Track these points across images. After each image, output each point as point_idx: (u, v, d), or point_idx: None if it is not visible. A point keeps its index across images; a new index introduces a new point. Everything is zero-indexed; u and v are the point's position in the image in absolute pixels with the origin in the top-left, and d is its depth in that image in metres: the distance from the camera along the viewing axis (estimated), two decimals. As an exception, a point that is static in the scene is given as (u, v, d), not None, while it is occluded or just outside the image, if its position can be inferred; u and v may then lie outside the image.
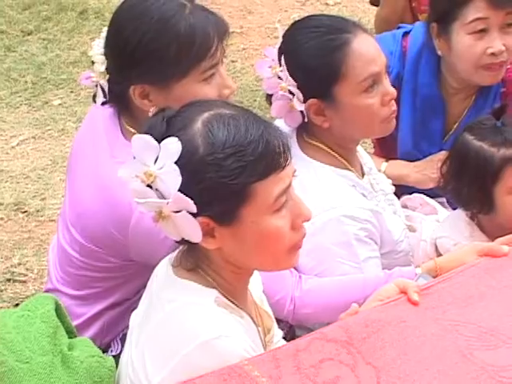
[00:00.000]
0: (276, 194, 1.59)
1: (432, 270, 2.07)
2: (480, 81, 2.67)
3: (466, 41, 2.59)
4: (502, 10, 2.56)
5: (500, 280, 1.77)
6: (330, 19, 2.32)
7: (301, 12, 5.55)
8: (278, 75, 2.20)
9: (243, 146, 1.56)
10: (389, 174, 2.69)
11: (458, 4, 2.58)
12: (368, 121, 2.25)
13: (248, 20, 5.50)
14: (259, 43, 5.13)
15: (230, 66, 4.90)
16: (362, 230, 2.23)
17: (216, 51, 2.03)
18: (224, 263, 1.65)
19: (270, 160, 1.58)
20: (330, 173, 2.27)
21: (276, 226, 1.61)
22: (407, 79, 2.77)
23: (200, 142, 1.57)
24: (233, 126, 1.58)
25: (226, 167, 1.55)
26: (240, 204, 1.58)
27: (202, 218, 1.57)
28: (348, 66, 2.18)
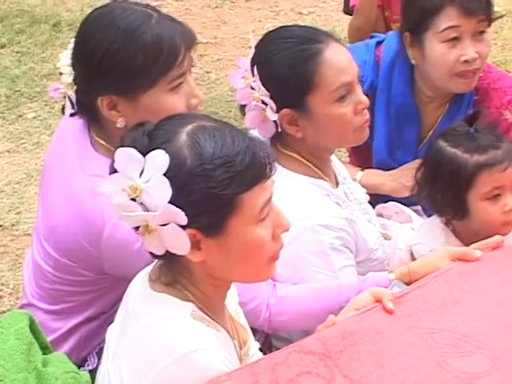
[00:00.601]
0: (261, 204, 1.61)
1: (405, 275, 2.09)
2: (454, 88, 2.69)
3: (440, 49, 2.61)
4: (474, 17, 2.58)
5: (473, 284, 1.78)
6: (302, 29, 2.33)
7: (275, 22, 5.58)
8: (251, 86, 2.21)
9: (231, 157, 1.57)
10: (364, 182, 2.71)
11: (429, 13, 2.60)
12: (341, 130, 2.26)
13: (222, 30, 5.53)
14: (233, 53, 5.15)
15: (204, 76, 4.92)
16: (337, 238, 2.24)
17: (183, 60, 2.03)
18: (205, 276, 1.65)
19: (257, 170, 1.60)
20: (304, 182, 2.28)
21: (260, 236, 1.62)
22: (381, 88, 2.78)
23: (187, 154, 1.57)
24: (219, 138, 1.59)
25: (215, 178, 1.56)
26: (228, 215, 1.58)
27: (189, 230, 1.57)
28: (320, 76, 2.19)
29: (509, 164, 2.28)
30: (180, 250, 1.58)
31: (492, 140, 2.33)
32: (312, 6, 5.88)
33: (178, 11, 5.75)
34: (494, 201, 2.29)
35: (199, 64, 5.05)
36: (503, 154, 2.29)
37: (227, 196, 1.56)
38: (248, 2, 5.91)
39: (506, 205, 2.28)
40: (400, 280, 2.08)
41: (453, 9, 2.57)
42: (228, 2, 5.89)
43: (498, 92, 2.75)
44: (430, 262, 2.04)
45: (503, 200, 2.28)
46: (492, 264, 1.85)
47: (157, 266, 1.70)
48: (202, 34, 5.44)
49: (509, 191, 2.29)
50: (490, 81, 2.76)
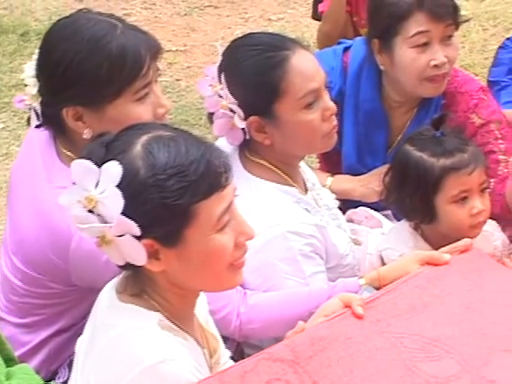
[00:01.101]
0: (219, 214, 1.60)
1: (375, 280, 2.10)
2: (424, 93, 2.70)
3: (409, 54, 2.62)
4: (442, 22, 2.60)
5: (442, 288, 1.78)
6: (269, 37, 2.34)
7: (244, 28, 5.58)
8: (219, 93, 2.21)
9: (185, 167, 1.57)
10: (334, 188, 2.72)
11: (398, 19, 2.61)
12: (309, 137, 2.26)
13: (192, 38, 5.52)
14: (203, 61, 5.14)
15: (174, 84, 4.92)
16: (307, 245, 2.24)
17: (148, 70, 2.03)
18: (169, 286, 1.65)
19: (212, 180, 1.59)
20: (273, 189, 2.28)
21: (220, 244, 1.62)
22: (349, 94, 2.79)
23: (141, 164, 1.57)
24: (173, 147, 1.58)
25: (169, 188, 1.56)
26: (184, 225, 1.58)
27: (146, 240, 1.57)
28: (287, 83, 2.20)
29: (475, 167, 2.29)
30: (137, 261, 1.58)
31: (458, 143, 2.33)
32: (281, 12, 5.88)
33: (147, 19, 5.74)
34: (462, 204, 2.29)
35: (169, 72, 5.05)
36: (469, 157, 2.30)
37: (181, 206, 1.56)
38: (217, 9, 5.91)
39: (473, 208, 2.29)
40: (370, 285, 2.09)
41: (421, 14, 2.59)
42: (197, 10, 5.89)
43: (464, 96, 2.77)
44: (399, 267, 2.04)
45: (470, 203, 2.29)
46: (460, 268, 1.86)
47: (123, 277, 1.69)
48: (172, 41, 5.44)
49: (476, 194, 2.30)
50: (456, 85, 2.78)
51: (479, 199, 2.30)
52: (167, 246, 1.59)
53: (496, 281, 1.85)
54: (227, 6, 5.94)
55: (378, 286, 2.05)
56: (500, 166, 2.67)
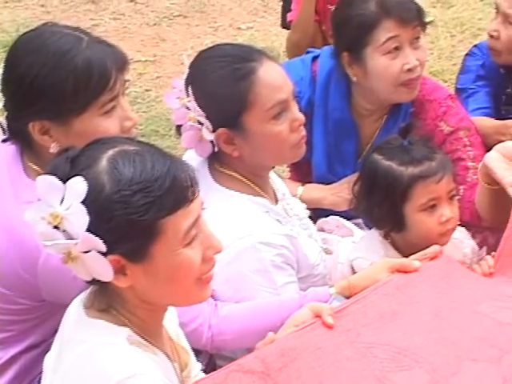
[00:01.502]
0: (185, 228, 1.60)
1: (345, 288, 2.10)
2: (399, 98, 2.73)
3: (382, 62, 2.64)
4: (410, 25, 2.64)
5: (411, 296, 1.79)
6: (235, 48, 2.34)
7: (213, 38, 5.60)
8: (186, 106, 2.21)
9: (150, 182, 1.57)
10: (305, 197, 2.73)
11: (367, 28, 2.64)
12: (278, 147, 2.27)
13: (161, 48, 5.52)
14: (173, 71, 5.15)
15: (144, 94, 4.92)
16: (278, 255, 2.24)
17: (115, 84, 2.02)
18: (137, 301, 1.65)
19: (178, 194, 1.59)
20: (244, 200, 2.28)
21: (188, 258, 1.61)
22: (318, 104, 2.81)
23: (106, 180, 1.56)
24: (138, 162, 1.58)
25: (134, 204, 1.55)
26: (150, 240, 1.58)
27: (112, 256, 1.57)
28: (255, 95, 2.20)
29: (443, 175, 2.31)
30: (103, 277, 1.57)
31: (426, 152, 2.35)
32: (250, 21, 5.90)
33: (115, 30, 5.74)
34: (431, 212, 2.31)
35: (139, 82, 5.05)
36: (437, 165, 2.32)
37: (147, 221, 1.56)
38: (186, 19, 5.91)
39: (442, 216, 2.30)
40: (340, 294, 2.10)
41: (389, 21, 2.62)
42: (166, 20, 5.89)
43: (433, 104, 2.79)
44: (369, 275, 2.06)
45: (439, 211, 2.31)
46: (429, 275, 1.88)
47: (91, 292, 1.69)
48: (141, 52, 5.44)
49: (444, 202, 2.32)
50: (425, 93, 2.80)
51: (448, 207, 2.32)
52: (134, 261, 1.59)
53: (464, 288, 1.87)
54: (196, 16, 5.95)
55: (349, 295, 2.06)
56: (469, 173, 2.69)
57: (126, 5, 6.10)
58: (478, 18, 5.58)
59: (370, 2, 2.64)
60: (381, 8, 2.62)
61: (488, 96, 3.13)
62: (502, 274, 2.06)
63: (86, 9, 6.03)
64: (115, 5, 6.10)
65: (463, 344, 1.66)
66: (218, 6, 6.09)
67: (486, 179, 2.34)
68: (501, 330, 1.70)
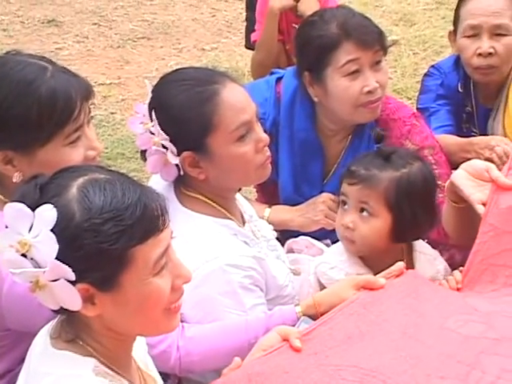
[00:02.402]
0: (156, 257, 1.60)
1: (310, 306, 2.11)
2: (360, 119, 2.75)
3: (342, 83, 2.67)
4: (371, 49, 2.67)
5: (378, 314, 1.80)
6: (198, 71, 2.36)
7: (178, 59, 5.62)
8: (150, 131, 2.22)
9: (121, 211, 1.56)
10: (272, 219, 2.74)
11: (328, 50, 2.66)
12: (243, 169, 2.28)
13: (125, 70, 5.53)
14: (138, 93, 5.16)
15: (109, 117, 4.92)
16: (247, 277, 2.25)
17: (79, 114, 2.03)
18: (105, 330, 1.64)
19: (149, 223, 1.59)
20: (211, 223, 2.29)
21: (157, 288, 1.61)
22: (283, 125, 2.83)
23: (76, 208, 1.56)
24: (109, 191, 1.58)
25: (104, 232, 1.55)
26: (120, 269, 1.57)
27: (81, 284, 1.56)
28: (219, 117, 2.21)
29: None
30: (72, 306, 1.57)
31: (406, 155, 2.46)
32: (214, 41, 5.94)
33: (79, 53, 5.74)
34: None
35: (103, 105, 5.05)
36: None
37: (117, 250, 1.55)
38: (150, 41, 5.93)
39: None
40: (306, 312, 2.11)
41: (350, 43, 2.65)
42: (130, 42, 5.90)
43: (397, 122, 2.82)
44: (334, 292, 2.07)
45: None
46: (396, 291, 1.89)
47: (57, 321, 1.68)
48: (106, 74, 5.44)
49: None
50: (389, 112, 2.84)
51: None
52: (103, 290, 1.58)
53: (431, 303, 1.88)
54: (160, 37, 5.97)
55: (315, 313, 2.07)
56: (436, 192, 2.72)
57: (89, 27, 6.11)
58: (440, 36, 5.65)
59: (332, 24, 2.67)
60: (341, 30, 2.65)
61: (449, 114, 3.19)
62: (470, 289, 2.07)
63: (49, 32, 6.03)
64: (79, 28, 6.11)
65: (431, 361, 1.67)
66: (181, 28, 6.12)
67: (452, 197, 2.35)
68: (467, 344, 1.72)
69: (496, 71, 3.06)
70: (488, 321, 1.79)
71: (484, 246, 2.09)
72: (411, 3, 6.41)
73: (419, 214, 2.38)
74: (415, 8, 6.31)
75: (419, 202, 2.38)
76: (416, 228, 2.41)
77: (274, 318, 2.14)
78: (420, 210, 2.38)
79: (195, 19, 6.26)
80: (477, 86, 3.17)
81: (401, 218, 2.37)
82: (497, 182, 2.17)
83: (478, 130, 3.20)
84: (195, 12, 6.39)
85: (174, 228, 2.11)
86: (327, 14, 2.74)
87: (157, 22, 6.20)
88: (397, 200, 2.36)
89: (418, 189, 2.39)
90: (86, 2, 6.52)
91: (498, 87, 3.13)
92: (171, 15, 6.31)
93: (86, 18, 6.24)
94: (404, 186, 2.38)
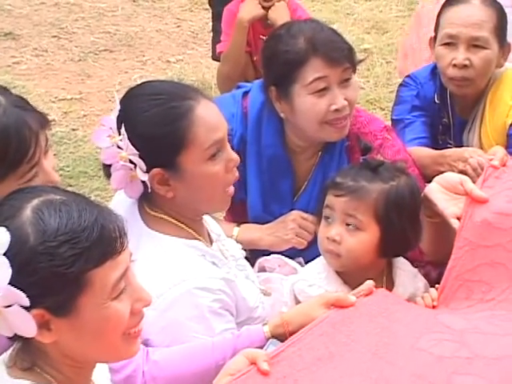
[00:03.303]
0: (114, 281, 1.62)
1: (279, 326, 2.12)
2: (327, 137, 2.76)
3: (309, 100, 2.67)
4: (339, 66, 2.66)
5: (348, 334, 1.81)
6: (170, 85, 2.35)
7: (142, 72, 5.63)
8: (118, 145, 2.22)
9: (77, 233, 1.58)
10: (241, 238, 2.76)
11: (294, 66, 2.66)
12: (212, 189, 2.29)
13: (87, 84, 5.52)
14: (100, 108, 5.16)
15: (70, 134, 4.91)
16: (216, 301, 2.26)
17: (35, 153, 2.03)
18: (62, 357, 1.65)
19: (106, 246, 1.61)
20: (177, 244, 2.29)
21: (116, 312, 1.63)
22: (251, 141, 2.84)
23: (30, 231, 1.57)
24: (65, 212, 1.59)
25: (60, 255, 1.56)
26: (77, 293, 1.59)
27: (35, 310, 1.57)
28: (193, 134, 2.22)
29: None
30: (26, 333, 1.57)
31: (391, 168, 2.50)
32: (180, 53, 5.94)
33: (38, 67, 5.73)
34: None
35: (64, 121, 5.05)
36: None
37: (74, 274, 1.57)
38: (112, 53, 5.93)
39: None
40: (274, 332, 2.12)
41: (317, 60, 2.65)
42: (91, 55, 5.89)
43: (368, 136, 2.84)
44: (303, 311, 2.09)
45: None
46: (367, 310, 1.90)
47: (13, 349, 1.68)
48: (66, 89, 5.44)
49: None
50: (359, 125, 2.86)
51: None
52: (59, 315, 1.59)
53: (403, 322, 1.90)
54: (123, 50, 5.97)
55: (283, 332, 2.09)
56: (408, 208, 2.74)
57: (48, 40, 6.10)
58: (414, 44, 5.71)
59: (299, 39, 2.67)
60: (309, 45, 2.65)
61: (424, 126, 3.21)
62: (446, 306, 2.11)
63: (5, 46, 6.01)
64: (37, 41, 6.09)
65: (402, 383, 1.69)
66: (145, 39, 6.13)
67: (426, 212, 2.39)
68: (439, 364, 1.74)
69: (470, 84, 3.08)
70: (461, 339, 1.82)
71: (459, 261, 2.12)
72: (383, 10, 6.47)
73: (407, 227, 2.41)
74: (387, 15, 6.38)
75: (407, 215, 2.42)
76: (404, 242, 2.45)
77: (242, 338, 2.15)
78: (408, 224, 2.42)
79: (159, 30, 6.28)
80: (453, 97, 3.20)
81: (389, 232, 2.40)
82: (471, 195, 2.20)
83: (453, 142, 3.24)
84: (159, 23, 6.41)
85: (140, 250, 2.13)
86: (294, 28, 2.73)
87: (119, 33, 6.20)
88: (386, 212, 2.39)
89: (406, 202, 2.42)
90: (44, 13, 6.51)
91: (475, 98, 3.16)
92: (134, 26, 6.32)
93: (45, 31, 6.22)
94: (393, 199, 2.41)
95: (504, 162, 2.29)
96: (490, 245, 2.14)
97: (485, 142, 3.14)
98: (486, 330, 1.86)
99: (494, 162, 2.29)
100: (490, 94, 3.14)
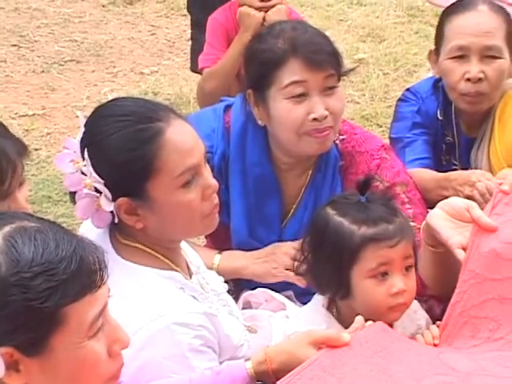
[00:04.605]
0: (92, 318, 1.63)
1: (262, 363, 2.12)
2: (307, 150, 2.74)
3: (284, 106, 2.67)
4: (321, 72, 2.67)
5: (341, 378, 1.82)
6: (138, 104, 2.32)
7: (112, 85, 5.63)
8: (82, 171, 2.22)
9: (54, 264, 1.59)
10: (223, 267, 2.77)
11: (271, 67, 2.68)
12: (187, 219, 2.29)
13: (51, 99, 5.52)
14: (66, 125, 5.16)
15: (33, 154, 4.88)
16: (197, 338, 2.25)
17: (10, 185, 2.07)
18: None
19: (85, 279, 1.62)
20: (154, 276, 2.29)
21: (93, 352, 1.64)
22: (234, 159, 2.85)
23: (2, 260, 1.58)
24: (40, 241, 1.60)
25: (34, 288, 1.57)
26: (51, 331, 1.60)
27: (4, 348, 1.57)
28: (162, 160, 2.22)
29: (400, 240, 2.34)
30: None
31: (385, 212, 2.39)
32: (155, 64, 5.95)
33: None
34: (381, 280, 2.33)
35: (26, 140, 4.93)
36: (395, 228, 2.35)
37: (49, 309, 1.57)
38: (80, 64, 5.93)
39: (392, 286, 2.32)
40: (257, 368, 2.12)
41: (296, 61, 2.66)
42: (56, 66, 5.89)
43: (364, 156, 2.85)
44: (288, 349, 2.09)
45: (390, 280, 2.33)
46: (361, 349, 1.91)
47: None
48: (28, 104, 5.43)
49: (398, 271, 2.34)
50: (354, 143, 2.87)
51: (401, 277, 2.34)
52: (30, 355, 1.60)
53: (403, 363, 1.91)
54: (92, 60, 5.98)
55: (266, 369, 2.09)
56: (409, 234, 2.75)
57: (7, 50, 6.11)
58: (413, 53, 5.74)
59: (280, 38, 2.69)
60: (288, 45, 2.67)
61: (426, 145, 3.21)
62: (449, 345, 2.11)
63: (-40, 56, 6.02)
64: (-5, 50, 6.11)
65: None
66: (116, 48, 6.14)
67: (429, 241, 2.39)
68: None
69: (485, 99, 3.08)
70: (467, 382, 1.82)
71: (464, 295, 2.13)
72: (380, 16, 6.51)
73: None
74: (384, 22, 6.41)
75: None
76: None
77: (223, 375, 2.14)
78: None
79: (132, 38, 6.30)
80: (459, 113, 3.20)
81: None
82: (478, 223, 2.21)
83: (459, 163, 3.24)
84: (132, 30, 6.43)
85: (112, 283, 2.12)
86: (276, 27, 2.76)
87: (87, 42, 6.21)
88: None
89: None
90: (2, 20, 6.52)
91: (484, 114, 3.16)
92: (104, 34, 6.34)
93: (4, 39, 6.24)
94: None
95: (515, 187, 2.30)
96: (498, 278, 2.15)
97: (494, 163, 3.14)
98: (494, 372, 1.86)
99: (503, 187, 2.30)
100: (499, 109, 3.15)
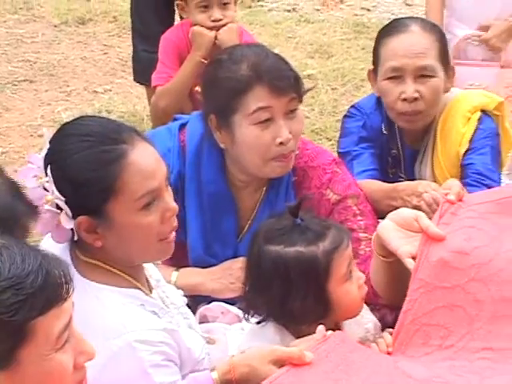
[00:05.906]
0: (59, 330, 1.64)
1: (227, 373, 2.16)
2: (271, 173, 2.79)
3: (251, 132, 2.70)
4: (284, 96, 2.70)
5: None
6: (103, 125, 2.32)
7: (66, 104, 5.60)
8: (44, 186, 2.22)
9: (21, 278, 1.60)
10: (181, 284, 2.77)
11: (237, 94, 2.69)
12: (144, 240, 2.29)
13: (5, 118, 5.48)
14: (21, 144, 5.12)
15: (-12, 174, 4.86)
16: (157, 353, 2.25)
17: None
18: None
19: (51, 292, 1.63)
20: (114, 294, 2.29)
21: (60, 364, 1.65)
22: (190, 177, 2.86)
23: None
24: (7, 256, 1.62)
25: (2, 303, 1.58)
26: (18, 344, 1.60)
27: None
28: (123, 182, 2.22)
29: (347, 238, 2.45)
30: None
31: (320, 223, 2.45)
32: (108, 82, 5.94)
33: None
34: (350, 279, 2.43)
35: (-19, 160, 5.00)
36: (338, 231, 2.44)
37: (16, 323, 1.58)
38: (33, 84, 5.89)
39: (359, 278, 2.46)
40: (223, 378, 2.15)
41: (261, 88, 2.68)
42: (10, 86, 5.85)
43: (317, 170, 2.89)
44: (250, 363, 2.12)
45: (355, 275, 2.45)
46: (322, 364, 1.93)
47: None
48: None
49: (354, 265, 2.49)
50: (307, 159, 2.90)
51: (357, 268, 2.50)
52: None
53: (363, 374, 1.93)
54: (45, 80, 5.94)
55: (230, 379, 2.13)
56: (361, 245, 2.79)
57: (-41, 69, 6.07)
58: (360, 68, 5.76)
59: (242, 64, 2.71)
60: (253, 72, 2.69)
61: (373, 157, 3.25)
62: (402, 353, 2.13)
63: None
64: None
65: None
66: (69, 68, 6.11)
67: (380, 251, 2.42)
68: None
69: (422, 117, 3.14)
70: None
71: (415, 304, 2.15)
72: (327, 33, 6.53)
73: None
74: (331, 38, 6.44)
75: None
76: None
77: None
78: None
79: (84, 58, 6.27)
80: (402, 128, 3.24)
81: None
82: (427, 233, 2.24)
83: (405, 175, 3.28)
84: (84, 49, 6.40)
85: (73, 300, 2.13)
86: (237, 53, 2.77)
87: (40, 61, 6.17)
88: None
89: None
90: (-48, 39, 6.49)
91: (425, 128, 3.21)
92: (56, 54, 6.30)
93: (-45, 59, 6.20)
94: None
95: (460, 197, 2.34)
96: (447, 286, 2.17)
97: (438, 174, 3.20)
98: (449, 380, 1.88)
99: (449, 197, 2.34)
100: (441, 121, 3.20)
